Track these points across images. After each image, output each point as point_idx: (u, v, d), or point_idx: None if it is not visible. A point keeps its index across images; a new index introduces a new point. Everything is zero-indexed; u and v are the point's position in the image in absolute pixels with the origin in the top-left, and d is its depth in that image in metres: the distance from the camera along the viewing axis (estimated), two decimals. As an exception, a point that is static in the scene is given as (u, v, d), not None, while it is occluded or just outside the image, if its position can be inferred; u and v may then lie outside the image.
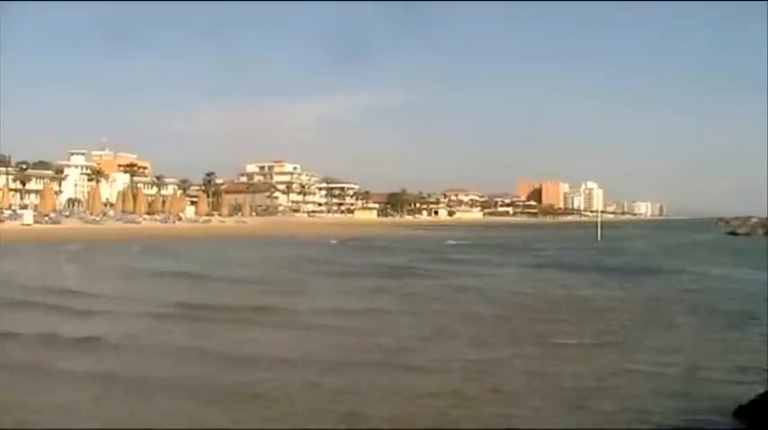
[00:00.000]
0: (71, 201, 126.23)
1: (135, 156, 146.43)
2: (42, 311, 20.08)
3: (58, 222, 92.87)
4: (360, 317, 20.00)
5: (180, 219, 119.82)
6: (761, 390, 10.23)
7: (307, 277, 32.36)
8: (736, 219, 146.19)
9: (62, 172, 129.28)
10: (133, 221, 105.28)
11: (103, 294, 24.59)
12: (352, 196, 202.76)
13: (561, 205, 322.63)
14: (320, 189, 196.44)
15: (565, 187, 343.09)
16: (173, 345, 15.23)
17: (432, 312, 20.78)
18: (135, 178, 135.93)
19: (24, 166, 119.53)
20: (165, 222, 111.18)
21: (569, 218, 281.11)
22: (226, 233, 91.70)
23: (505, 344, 15.56)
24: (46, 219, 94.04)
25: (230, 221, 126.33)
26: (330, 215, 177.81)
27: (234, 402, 10.80)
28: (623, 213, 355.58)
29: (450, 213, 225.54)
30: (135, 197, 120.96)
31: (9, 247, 51.32)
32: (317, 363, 13.33)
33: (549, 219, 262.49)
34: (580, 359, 14.09)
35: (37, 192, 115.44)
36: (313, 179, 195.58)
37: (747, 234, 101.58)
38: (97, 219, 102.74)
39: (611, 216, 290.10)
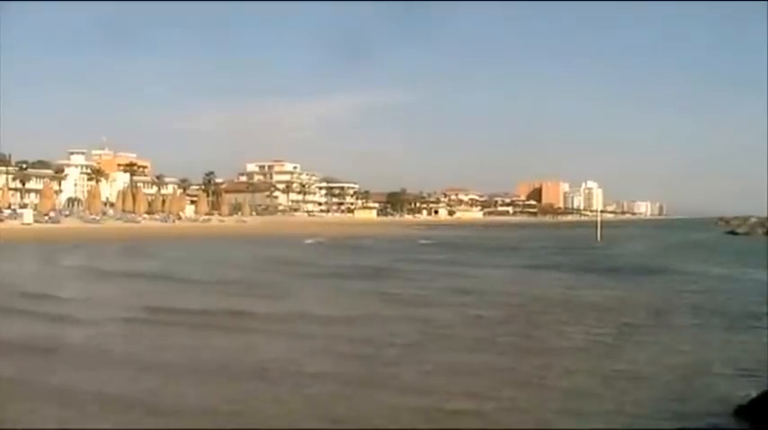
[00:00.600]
0: (71, 201, 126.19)
1: (135, 155, 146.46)
2: (11, 317, 19.40)
3: (58, 221, 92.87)
4: (346, 322, 19.12)
5: (180, 218, 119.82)
6: (761, 390, 10.25)
7: (294, 279, 31.34)
8: (735, 218, 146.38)
9: (62, 171, 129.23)
10: (133, 221, 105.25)
11: (78, 298, 24.03)
12: (352, 196, 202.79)
13: (561, 205, 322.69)
14: (320, 188, 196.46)
15: (565, 187, 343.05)
16: (144, 354, 14.38)
17: (425, 314, 20.51)
18: (135, 177, 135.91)
19: (24, 166, 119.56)
20: (165, 222, 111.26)
21: (569, 217, 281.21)
22: (225, 232, 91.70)
23: (502, 349, 15.40)
24: (46, 218, 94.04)
25: (230, 221, 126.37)
26: (330, 214, 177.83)
27: (213, 418, 10.17)
28: (623, 213, 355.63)
29: (451, 213, 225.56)
30: (135, 196, 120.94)
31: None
32: (299, 374, 12.64)
33: (548, 218, 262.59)
34: (579, 361, 14.04)
35: (37, 191, 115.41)
36: (313, 179, 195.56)
37: (747, 233, 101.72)
38: (97, 218, 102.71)
39: (610, 215, 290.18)
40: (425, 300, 24.21)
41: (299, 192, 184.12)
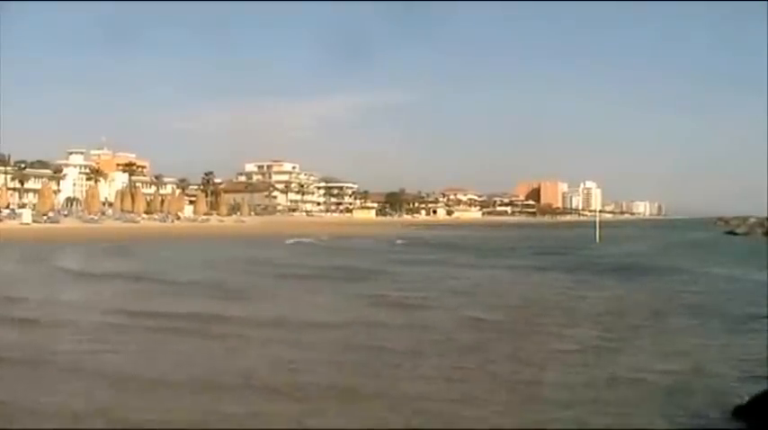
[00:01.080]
0: (70, 201, 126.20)
1: (134, 155, 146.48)
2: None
3: (57, 221, 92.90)
4: (339, 327, 18.36)
5: (178, 218, 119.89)
6: (760, 390, 10.23)
7: (291, 281, 30.79)
8: (734, 218, 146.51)
9: (61, 171, 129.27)
10: (131, 221, 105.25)
11: (71, 301, 23.43)
12: (350, 196, 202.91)
13: (560, 205, 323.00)
14: (319, 188, 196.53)
15: (563, 187, 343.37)
16: (126, 364, 13.66)
17: (421, 317, 20.38)
18: (133, 177, 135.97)
19: (23, 165, 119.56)
20: (164, 222, 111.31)
21: (568, 217, 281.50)
22: (224, 232, 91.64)
23: (499, 352, 15.26)
24: (44, 218, 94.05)
25: (229, 221, 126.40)
26: (329, 214, 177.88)
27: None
28: (622, 213, 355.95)
29: (449, 213, 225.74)
30: (133, 196, 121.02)
31: None
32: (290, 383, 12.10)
33: (547, 218, 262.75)
34: (577, 363, 13.99)
35: (35, 191, 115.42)
36: (312, 178, 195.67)
37: (746, 233, 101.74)
38: (96, 218, 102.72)
39: (609, 215, 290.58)
40: (422, 302, 23.75)
41: (298, 192, 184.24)
